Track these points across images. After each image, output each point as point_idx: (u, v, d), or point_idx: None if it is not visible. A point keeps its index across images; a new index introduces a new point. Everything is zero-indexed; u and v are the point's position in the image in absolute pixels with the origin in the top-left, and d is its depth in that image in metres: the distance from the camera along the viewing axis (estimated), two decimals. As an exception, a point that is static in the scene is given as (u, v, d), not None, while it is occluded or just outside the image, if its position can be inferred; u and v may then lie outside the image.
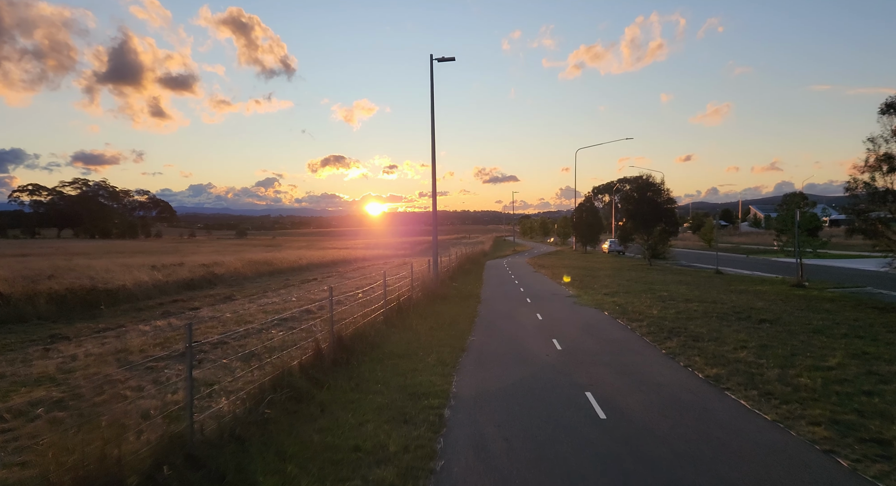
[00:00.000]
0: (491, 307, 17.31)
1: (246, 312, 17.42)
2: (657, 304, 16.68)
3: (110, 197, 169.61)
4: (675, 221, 40.12)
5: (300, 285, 28.61)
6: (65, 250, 63.22)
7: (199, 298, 22.64)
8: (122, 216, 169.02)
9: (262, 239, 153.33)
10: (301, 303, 19.48)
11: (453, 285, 24.44)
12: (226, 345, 11.66)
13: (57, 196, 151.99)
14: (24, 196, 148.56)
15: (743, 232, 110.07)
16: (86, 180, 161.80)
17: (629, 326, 13.11)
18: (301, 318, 15.47)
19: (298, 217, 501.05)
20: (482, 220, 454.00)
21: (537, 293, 21.41)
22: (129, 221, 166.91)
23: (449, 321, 14.09)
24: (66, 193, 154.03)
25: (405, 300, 15.35)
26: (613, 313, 15.38)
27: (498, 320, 14.68)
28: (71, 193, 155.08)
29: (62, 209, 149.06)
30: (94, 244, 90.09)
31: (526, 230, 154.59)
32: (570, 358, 9.79)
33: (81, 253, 54.46)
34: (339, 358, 8.80)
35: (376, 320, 12.38)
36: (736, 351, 9.76)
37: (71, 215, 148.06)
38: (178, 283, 25.89)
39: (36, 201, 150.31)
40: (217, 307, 19.06)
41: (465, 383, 8.21)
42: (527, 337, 11.99)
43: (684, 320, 13.55)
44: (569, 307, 17.05)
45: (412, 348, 10.60)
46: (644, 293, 19.93)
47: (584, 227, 63.36)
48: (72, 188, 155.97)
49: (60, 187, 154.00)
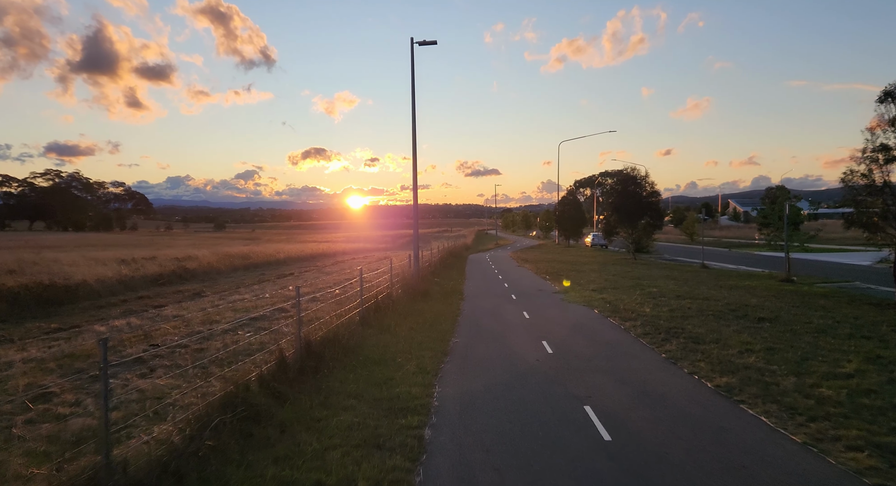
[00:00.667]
0: (475, 305, 16.44)
1: (215, 310, 16.31)
2: (648, 301, 15.95)
3: (84, 189, 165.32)
4: (660, 214, 39.56)
5: (276, 280, 27.46)
6: (35, 242, 60.85)
7: (166, 294, 21.41)
8: (96, 209, 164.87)
9: (241, 232, 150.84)
10: (274, 300, 18.42)
11: (435, 280, 23.52)
12: (185, 349, 10.60)
13: (28, 188, 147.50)
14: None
15: (723, 226, 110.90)
16: (58, 172, 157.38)
17: (622, 325, 12.31)
18: (272, 317, 14.45)
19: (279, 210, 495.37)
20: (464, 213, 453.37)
21: (522, 289, 20.59)
22: (103, 213, 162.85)
23: (431, 321, 13.18)
24: (37, 184, 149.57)
25: (384, 298, 14.40)
26: (604, 311, 14.61)
27: (483, 318, 13.81)
28: (43, 184, 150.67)
29: (33, 201, 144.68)
30: (66, 237, 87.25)
31: (508, 224, 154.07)
32: (563, 363, 8.94)
33: (51, 246, 52.38)
34: (306, 366, 7.83)
35: (352, 320, 11.42)
36: (742, 355, 9.00)
37: (43, 207, 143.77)
38: (145, 278, 24.59)
39: (6, 193, 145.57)
40: (184, 305, 17.90)
41: (449, 395, 7.31)
42: (514, 339, 11.13)
43: (680, 318, 12.81)
44: (556, 305, 16.25)
45: (390, 353, 9.67)
46: (633, 289, 19.22)
47: (567, 220, 62.79)
48: (43, 179, 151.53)
49: (31, 179, 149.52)
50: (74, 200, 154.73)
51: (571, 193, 70.53)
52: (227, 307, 16.91)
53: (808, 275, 25.41)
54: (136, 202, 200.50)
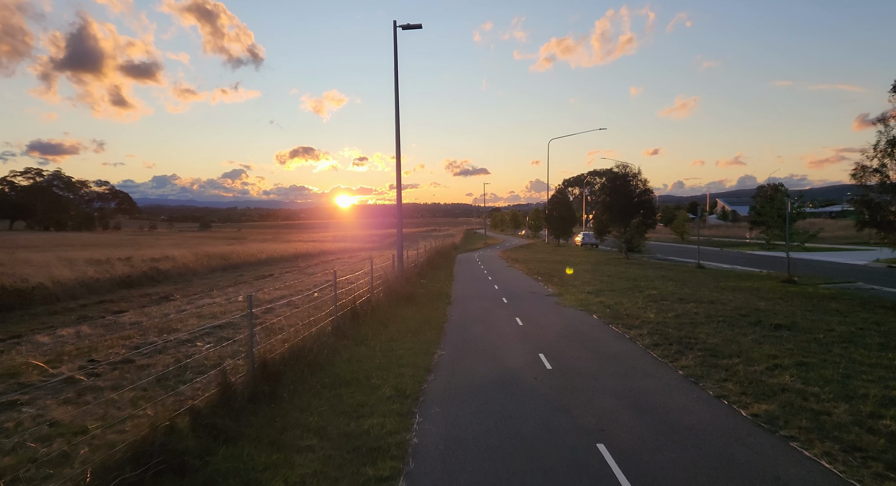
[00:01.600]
0: (463, 310, 15.14)
1: (178, 316, 14.89)
2: (651, 305, 14.76)
3: (66, 188, 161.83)
4: (653, 213, 38.52)
5: (253, 281, 26.01)
6: (11, 242, 58.71)
7: (132, 297, 19.91)
8: (78, 208, 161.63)
9: (227, 232, 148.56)
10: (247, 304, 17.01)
11: (421, 282, 22.21)
12: (129, 365, 9.21)
13: (8, 187, 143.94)
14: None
15: (712, 225, 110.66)
16: (39, 170, 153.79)
17: (627, 334, 11.07)
18: (240, 325, 13.04)
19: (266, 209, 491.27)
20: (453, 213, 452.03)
21: (514, 291, 19.34)
22: (85, 212, 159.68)
23: (414, 329, 11.86)
24: (17, 183, 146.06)
25: (363, 303, 13.05)
26: (604, 316, 13.37)
27: (471, 326, 12.51)
28: (23, 183, 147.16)
29: (14, 200, 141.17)
30: (45, 237, 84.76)
31: (497, 223, 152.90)
32: (565, 383, 7.68)
33: (28, 246, 50.41)
34: (259, 392, 6.49)
35: (324, 330, 10.08)
36: (773, 373, 7.78)
37: (23, 207, 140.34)
38: (113, 280, 23.03)
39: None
40: (147, 310, 16.44)
41: (431, 429, 6.01)
42: (507, 351, 9.85)
43: (689, 326, 11.60)
44: (551, 309, 15.00)
45: (365, 370, 8.34)
46: (631, 292, 18.04)
47: (557, 219, 61.71)
48: (24, 178, 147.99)
49: (11, 177, 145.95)
50: (56, 200, 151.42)
51: (561, 192, 69.52)
52: (192, 313, 15.49)
53: (808, 275, 24.44)
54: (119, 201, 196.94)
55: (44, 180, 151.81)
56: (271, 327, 12.17)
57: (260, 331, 11.67)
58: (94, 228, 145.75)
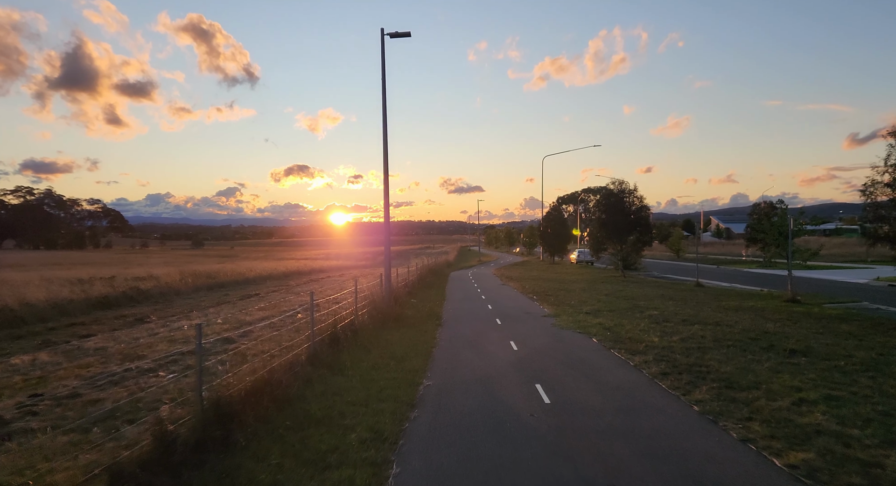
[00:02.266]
0: (454, 332, 14.19)
1: (149, 340, 13.88)
2: (653, 327, 13.86)
3: (57, 206, 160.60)
4: (650, 230, 37.82)
5: (237, 301, 24.97)
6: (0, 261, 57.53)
7: (106, 320, 18.84)
8: (69, 226, 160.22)
9: (220, 249, 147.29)
10: (225, 327, 16.06)
11: (411, 301, 21.27)
12: (76, 400, 8.22)
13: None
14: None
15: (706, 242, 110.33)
16: (30, 188, 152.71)
17: (631, 361, 10.15)
18: (213, 350, 12.06)
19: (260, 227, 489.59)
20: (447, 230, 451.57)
21: (508, 312, 18.42)
22: (76, 231, 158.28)
23: (399, 355, 10.91)
24: (7, 202, 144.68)
25: (345, 326, 12.10)
26: (604, 339, 12.45)
27: (462, 351, 11.57)
28: (14, 201, 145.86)
29: (4, 219, 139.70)
30: (34, 256, 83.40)
31: (491, 240, 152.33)
32: (566, 421, 6.75)
33: (14, 265, 49.25)
34: (208, 439, 5.53)
35: (298, 358, 9.12)
36: (800, 409, 6.88)
37: (13, 225, 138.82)
38: (89, 301, 21.93)
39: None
40: (117, 334, 15.41)
41: (409, 483, 5.08)
42: (501, 381, 8.91)
43: (697, 351, 10.70)
44: (547, 331, 14.07)
45: (340, 406, 7.38)
46: (631, 312, 17.17)
47: (552, 236, 60.98)
48: (14, 197, 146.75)
49: (1, 195, 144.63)
50: (47, 218, 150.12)
51: (556, 209, 68.84)
52: (165, 337, 14.48)
53: (811, 294, 23.66)
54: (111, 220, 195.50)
55: (34, 199, 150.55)
56: (244, 353, 11.21)
57: (230, 357, 10.73)
58: (85, 247, 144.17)
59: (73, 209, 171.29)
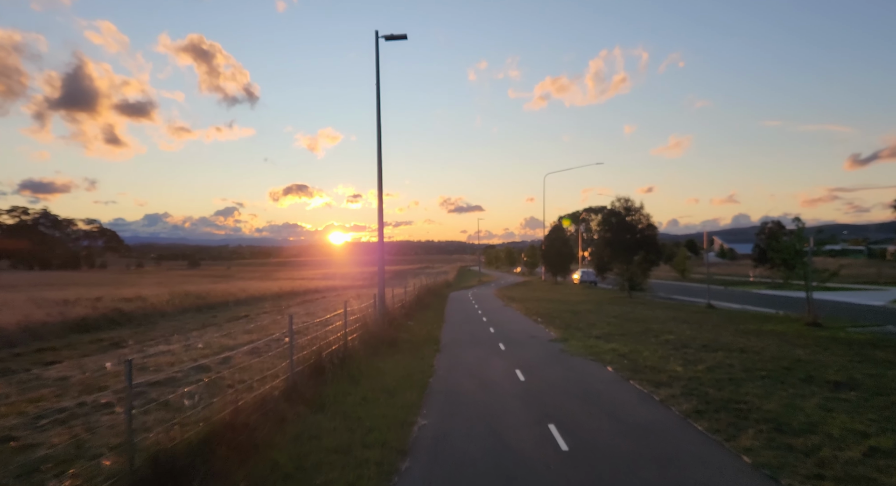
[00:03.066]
0: (453, 359, 12.91)
1: (116, 369, 12.57)
2: (672, 354, 12.60)
3: (52, 226, 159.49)
4: (658, 249, 36.68)
5: (224, 324, 23.65)
6: None
7: (80, 344, 17.54)
8: (64, 246, 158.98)
9: (216, 269, 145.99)
10: (205, 352, 14.77)
11: (408, 324, 19.99)
12: (5, 445, 6.94)
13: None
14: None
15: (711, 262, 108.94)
16: (25, 208, 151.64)
17: (655, 395, 8.88)
18: (184, 380, 10.78)
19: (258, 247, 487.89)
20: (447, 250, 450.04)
21: (512, 336, 17.15)
22: (72, 251, 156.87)
23: (392, 386, 9.64)
24: (2, 222, 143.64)
25: (333, 353, 10.83)
26: (621, 368, 11.18)
27: (462, 382, 10.29)
28: (9, 221, 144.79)
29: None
30: (28, 276, 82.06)
31: (491, 260, 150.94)
32: (592, 477, 5.49)
33: (5, 286, 47.90)
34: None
35: (272, 393, 7.86)
36: (878, 463, 5.60)
37: (8, 245, 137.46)
38: (65, 324, 20.64)
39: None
40: (84, 361, 14.11)
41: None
42: (508, 419, 7.65)
43: (729, 383, 9.44)
44: (556, 358, 12.80)
45: (316, 454, 6.13)
46: (644, 336, 15.92)
47: (555, 256, 59.73)
48: (9, 217, 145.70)
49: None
50: (42, 238, 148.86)
51: (558, 228, 67.60)
52: (136, 364, 13.19)
53: (830, 317, 22.41)
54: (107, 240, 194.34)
55: (30, 219, 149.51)
56: (217, 384, 9.95)
57: (201, 389, 9.47)
58: (80, 267, 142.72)
59: (69, 229, 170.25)
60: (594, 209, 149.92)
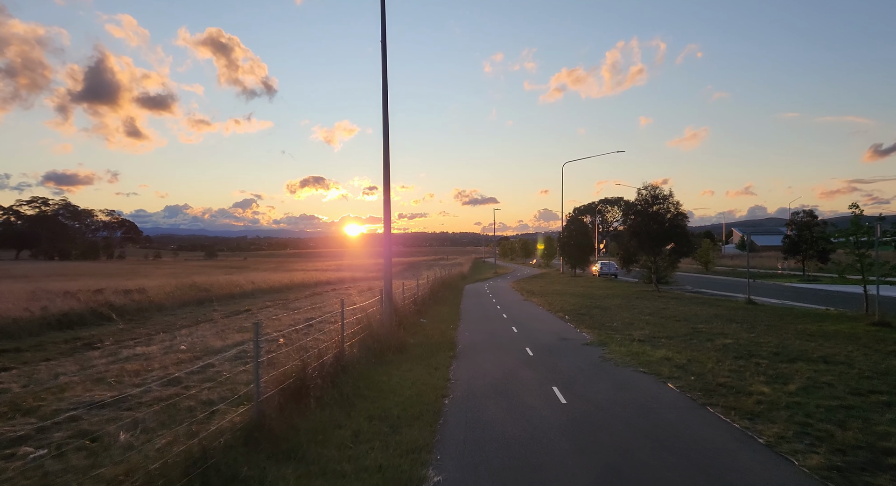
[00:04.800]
0: (472, 370, 10.65)
1: (71, 380, 10.52)
2: (742, 365, 10.21)
3: (72, 217, 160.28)
4: (689, 239, 33.96)
5: (221, 319, 21.65)
6: (6, 272, 55.29)
7: (52, 344, 15.58)
8: (83, 237, 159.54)
9: (232, 260, 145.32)
10: (184, 357, 12.72)
11: (420, 322, 17.79)
12: None
13: (14, 216, 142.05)
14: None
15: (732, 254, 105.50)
16: (45, 199, 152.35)
17: (755, 434, 6.46)
18: (134, 402, 8.66)
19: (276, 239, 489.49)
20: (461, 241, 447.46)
21: (538, 337, 14.87)
22: (91, 242, 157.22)
23: (395, 414, 7.41)
24: (23, 212, 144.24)
25: (324, 366, 8.60)
26: (687, 387, 8.81)
27: (486, 406, 8.02)
28: (29, 212, 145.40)
29: (20, 230, 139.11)
30: (43, 266, 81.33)
31: (506, 252, 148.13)
32: None
33: (16, 276, 46.75)
34: None
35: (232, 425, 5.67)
36: None
37: (29, 236, 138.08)
38: (46, 320, 18.71)
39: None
40: (40, 367, 12.09)
41: None
42: (556, 472, 5.40)
43: (845, 413, 7.01)
44: (600, 370, 10.46)
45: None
46: (695, 340, 13.54)
47: (573, 247, 57.07)
48: (30, 208, 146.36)
49: (17, 207, 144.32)
50: (62, 229, 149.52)
51: (574, 221, 64.69)
52: (96, 373, 11.11)
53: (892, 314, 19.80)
54: (125, 231, 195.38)
55: (50, 210, 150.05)
56: (176, 407, 7.83)
57: (150, 417, 7.34)
58: (99, 258, 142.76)
59: (88, 220, 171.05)
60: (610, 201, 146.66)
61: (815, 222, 49.77)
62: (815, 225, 49.10)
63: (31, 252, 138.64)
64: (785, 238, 53.55)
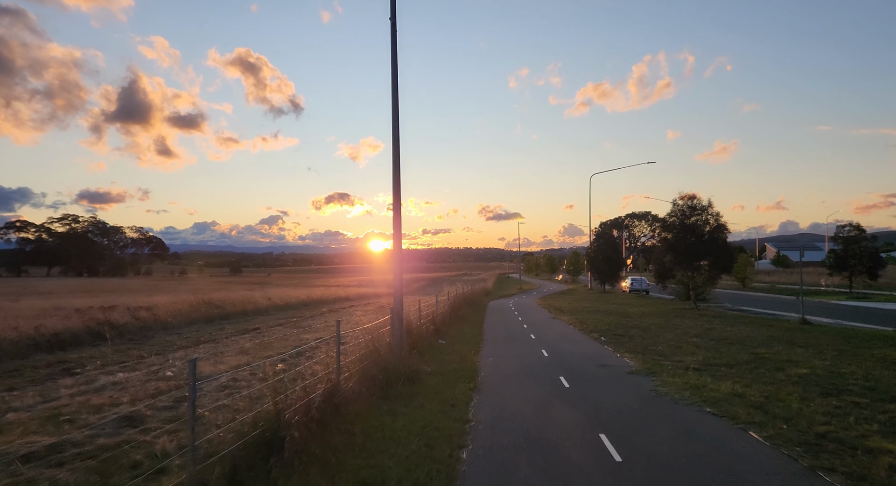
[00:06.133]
0: (497, 408, 8.73)
1: (27, 415, 8.94)
2: (838, 405, 8.13)
3: (101, 233, 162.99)
4: (730, 253, 31.54)
5: (225, 339, 20.07)
6: (31, 288, 55.25)
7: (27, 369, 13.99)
8: (112, 253, 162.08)
9: (256, 276, 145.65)
10: (170, 385, 11.11)
11: (438, 343, 15.94)
12: None
13: (45, 233, 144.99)
14: (12, 233, 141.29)
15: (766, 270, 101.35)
16: (76, 217, 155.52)
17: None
18: (69, 450, 6.98)
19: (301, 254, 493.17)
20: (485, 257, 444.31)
21: (572, 362, 12.88)
22: (118, 258, 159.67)
23: (394, 474, 5.58)
24: (55, 229, 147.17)
25: (308, 407, 6.79)
26: (777, 438, 6.77)
27: (516, 465, 6.10)
28: (60, 229, 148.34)
29: (51, 247, 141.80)
30: (70, 283, 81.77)
31: (531, 267, 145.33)
32: None
33: (43, 292, 46.45)
34: None
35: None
36: None
37: (59, 253, 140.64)
38: (35, 340, 17.32)
39: (23, 239, 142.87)
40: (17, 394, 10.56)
41: None
42: None
43: None
44: (655, 410, 8.44)
45: None
46: (763, 369, 11.41)
47: (602, 262, 54.56)
48: (60, 225, 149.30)
49: (49, 224, 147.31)
50: (91, 246, 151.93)
51: (603, 235, 62.28)
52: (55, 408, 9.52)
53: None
54: (153, 247, 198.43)
55: (80, 227, 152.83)
56: (116, 462, 6.13)
57: (80, 477, 5.66)
58: (127, 274, 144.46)
59: (117, 237, 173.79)
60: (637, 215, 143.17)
61: (864, 236, 46.72)
62: (864, 239, 46.06)
63: (62, 269, 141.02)
64: (830, 253, 50.48)
